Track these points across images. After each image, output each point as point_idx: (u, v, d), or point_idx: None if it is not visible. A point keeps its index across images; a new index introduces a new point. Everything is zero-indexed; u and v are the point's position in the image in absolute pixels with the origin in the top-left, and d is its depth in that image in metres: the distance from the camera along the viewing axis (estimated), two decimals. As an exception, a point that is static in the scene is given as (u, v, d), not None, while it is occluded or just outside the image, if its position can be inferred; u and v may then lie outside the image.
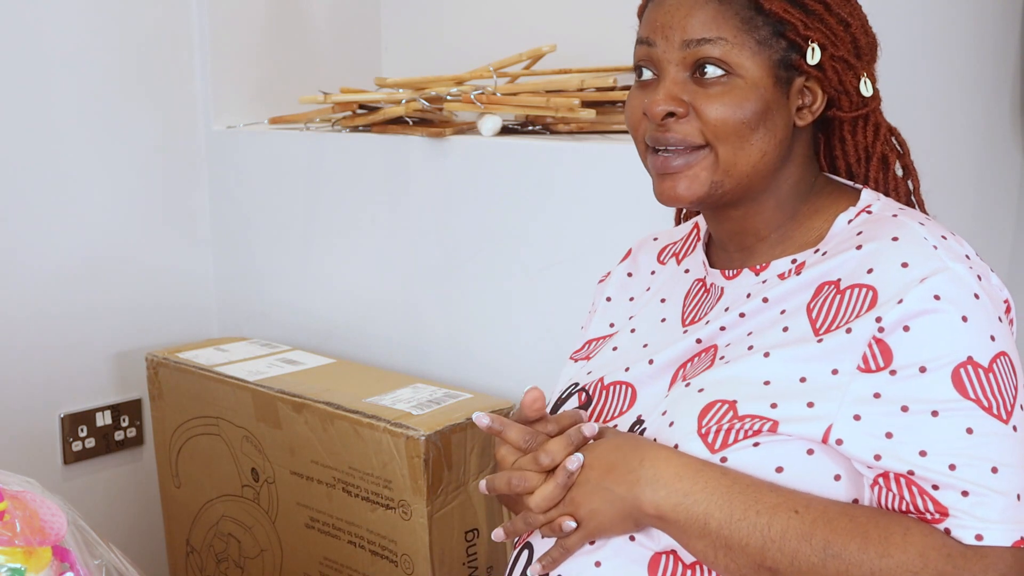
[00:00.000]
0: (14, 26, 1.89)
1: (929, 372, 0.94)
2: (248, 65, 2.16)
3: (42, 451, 1.99)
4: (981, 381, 0.94)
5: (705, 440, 0.98)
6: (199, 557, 1.95)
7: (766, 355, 1.00)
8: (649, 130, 1.04)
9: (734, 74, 1.01)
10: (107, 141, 2.02)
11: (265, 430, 1.74)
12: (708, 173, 1.03)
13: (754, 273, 1.07)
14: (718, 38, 1.00)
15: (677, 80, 1.02)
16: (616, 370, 1.12)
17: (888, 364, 0.95)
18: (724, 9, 1.01)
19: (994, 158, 2.08)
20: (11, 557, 0.93)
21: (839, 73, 1.04)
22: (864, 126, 1.09)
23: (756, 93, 1.01)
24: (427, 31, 2.31)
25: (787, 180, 1.07)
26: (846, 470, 0.97)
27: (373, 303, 1.96)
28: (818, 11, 1.02)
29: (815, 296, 1.01)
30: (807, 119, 1.05)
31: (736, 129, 1.01)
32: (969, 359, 0.94)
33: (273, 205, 2.09)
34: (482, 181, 1.76)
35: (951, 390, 0.93)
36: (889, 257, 0.98)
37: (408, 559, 1.58)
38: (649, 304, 1.18)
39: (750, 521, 0.94)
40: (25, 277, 1.95)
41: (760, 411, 0.97)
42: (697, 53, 1.01)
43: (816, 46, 1.02)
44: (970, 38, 1.97)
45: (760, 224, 1.08)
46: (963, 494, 0.92)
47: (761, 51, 1.01)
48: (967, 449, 0.92)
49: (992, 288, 1.00)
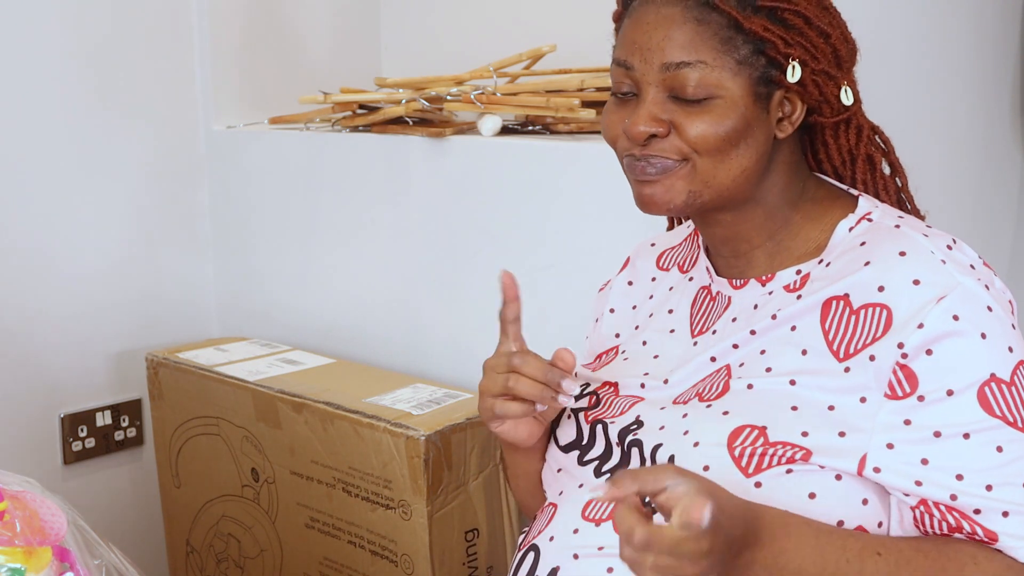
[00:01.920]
0: (13, 26, 1.89)
1: (956, 395, 0.95)
2: (248, 65, 2.16)
3: (42, 451, 1.99)
4: (1005, 397, 0.95)
5: (739, 463, 0.98)
6: (199, 557, 1.95)
7: (792, 383, 1.00)
8: (627, 148, 1.05)
9: (714, 95, 1.00)
10: (107, 141, 2.02)
11: (265, 430, 1.74)
12: (685, 183, 1.03)
13: (760, 284, 1.07)
14: (697, 61, 1.00)
15: (657, 100, 1.02)
16: (632, 385, 1.12)
17: (914, 390, 0.96)
18: (703, 30, 1.00)
19: (994, 158, 2.08)
20: (11, 557, 0.93)
21: (820, 86, 1.03)
22: (846, 129, 1.08)
23: (736, 111, 1.00)
24: (427, 31, 2.31)
25: (772, 189, 1.07)
26: (873, 494, 0.98)
27: (373, 303, 1.96)
28: (798, 25, 1.01)
29: (826, 314, 1.01)
30: (787, 131, 1.05)
31: (717, 145, 1.01)
32: (992, 376, 0.95)
33: (273, 205, 2.09)
34: (482, 181, 1.76)
35: (979, 411, 0.95)
36: (900, 274, 0.99)
37: (408, 559, 1.58)
38: (656, 314, 1.17)
39: (843, 572, 0.93)
40: (25, 277, 1.95)
41: (791, 439, 0.97)
42: (676, 76, 1.00)
43: (797, 64, 1.01)
44: (970, 38, 1.97)
45: (750, 231, 1.08)
46: (1004, 515, 0.94)
47: (741, 71, 1.00)
48: (1000, 468, 0.95)
49: (999, 294, 1.01)
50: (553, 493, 1.13)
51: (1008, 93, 2.08)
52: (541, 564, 1.06)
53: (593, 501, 1.06)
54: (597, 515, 1.05)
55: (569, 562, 1.04)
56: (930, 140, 1.87)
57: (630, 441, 1.06)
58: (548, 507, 1.12)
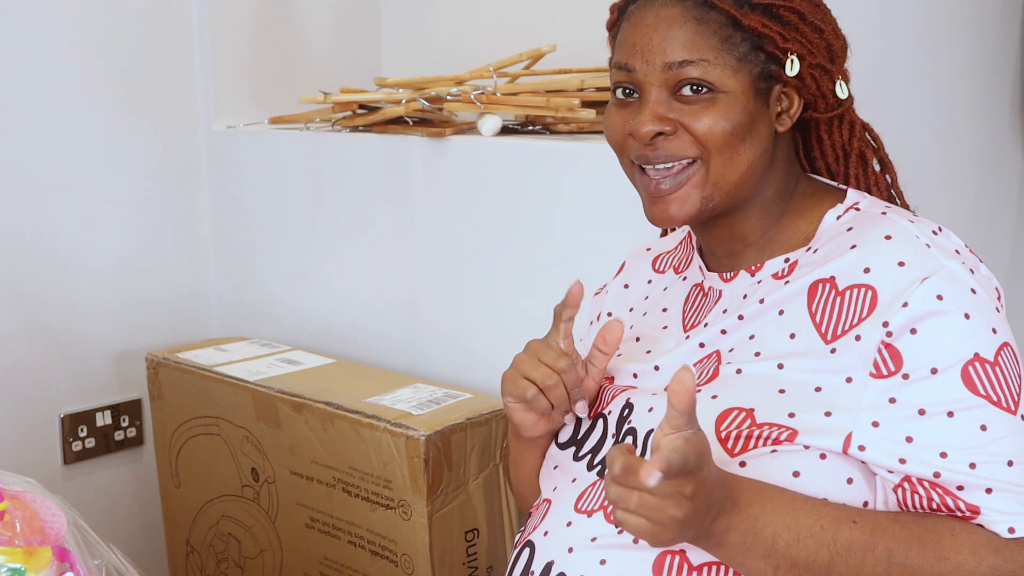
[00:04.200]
0: (13, 28, 1.89)
1: (940, 373, 0.96)
2: (248, 65, 2.16)
3: (42, 451, 1.99)
4: (989, 376, 0.96)
5: (724, 445, 0.99)
6: (199, 557, 1.95)
7: (780, 366, 1.01)
8: (636, 149, 1.05)
9: (717, 91, 1.02)
10: (107, 142, 2.02)
11: (265, 430, 1.74)
12: (698, 190, 1.04)
13: (750, 274, 1.08)
14: (699, 59, 1.01)
15: (660, 100, 1.03)
16: (625, 375, 1.13)
17: (899, 368, 0.96)
18: (702, 29, 1.01)
19: (994, 158, 2.08)
20: (11, 557, 0.93)
21: (816, 80, 1.05)
22: (839, 125, 1.10)
23: (739, 106, 1.02)
24: (427, 31, 2.31)
25: (772, 185, 1.08)
26: (858, 473, 0.98)
27: (373, 303, 1.96)
28: (793, 21, 1.03)
29: (812, 296, 1.02)
30: (787, 124, 1.07)
31: (726, 140, 1.02)
32: (976, 356, 0.96)
33: (273, 205, 2.09)
34: (482, 181, 1.76)
35: (963, 389, 0.96)
36: (885, 256, 1.00)
37: (408, 559, 1.58)
38: (650, 313, 1.19)
39: (816, 538, 0.94)
40: (25, 277, 1.95)
41: (778, 419, 0.98)
42: (679, 75, 1.02)
43: (795, 58, 1.03)
44: (970, 38, 1.97)
45: (747, 230, 1.09)
46: (987, 491, 0.95)
47: (741, 67, 1.02)
48: (983, 447, 0.95)
49: (984, 279, 1.02)
50: (548, 489, 1.14)
51: (1008, 93, 2.09)
52: (536, 559, 1.07)
53: (585, 493, 1.07)
54: (589, 507, 1.06)
55: (564, 555, 1.04)
56: (930, 140, 1.87)
57: (626, 429, 1.08)
58: (543, 503, 1.13)
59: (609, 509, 1.02)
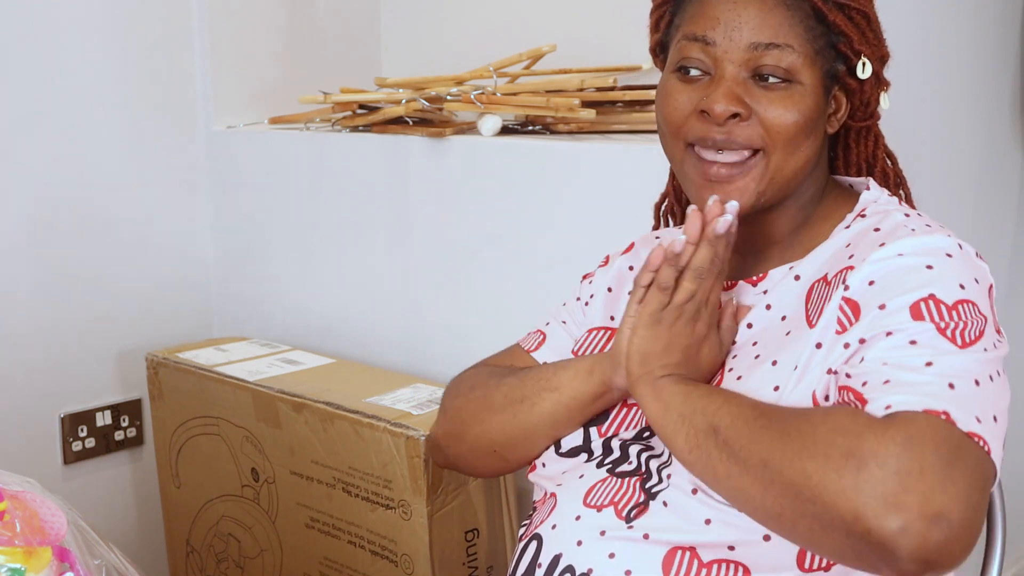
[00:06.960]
0: (13, 28, 1.89)
1: (888, 307, 0.93)
2: (248, 65, 2.16)
3: (42, 451, 1.99)
4: (941, 312, 0.92)
5: None
6: (199, 557, 1.95)
7: (774, 363, 1.00)
8: (700, 131, 1.02)
9: (795, 81, 1.00)
10: (107, 141, 2.02)
11: (265, 430, 1.74)
12: (756, 183, 1.02)
13: (751, 285, 1.08)
14: (786, 45, 1.00)
15: (738, 80, 1.01)
16: None
17: (858, 319, 0.95)
18: (791, 16, 1.00)
19: (994, 158, 2.08)
20: (11, 557, 0.93)
21: (873, 87, 1.06)
22: (867, 136, 1.11)
23: (811, 99, 1.01)
24: (427, 31, 2.31)
25: (811, 186, 1.08)
26: None
27: (373, 303, 1.96)
28: (863, 25, 1.03)
29: (809, 295, 1.02)
30: (834, 127, 1.07)
31: (793, 135, 1.01)
32: (931, 296, 0.92)
33: (273, 205, 2.09)
34: (482, 181, 1.76)
35: (908, 318, 0.92)
36: (869, 241, 1.00)
37: (408, 559, 1.58)
38: None
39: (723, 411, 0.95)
40: (25, 277, 1.95)
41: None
42: (764, 56, 1.00)
43: (867, 60, 1.03)
44: (970, 38, 1.97)
45: (776, 229, 1.08)
46: (885, 382, 0.89)
47: (817, 61, 1.01)
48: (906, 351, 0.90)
49: (974, 262, 0.98)
50: (552, 485, 1.13)
51: (1008, 93, 2.09)
52: (544, 552, 1.06)
53: (594, 488, 1.06)
54: (598, 502, 1.05)
55: (572, 548, 1.03)
56: (930, 140, 1.87)
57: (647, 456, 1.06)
58: (548, 498, 1.12)
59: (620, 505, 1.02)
